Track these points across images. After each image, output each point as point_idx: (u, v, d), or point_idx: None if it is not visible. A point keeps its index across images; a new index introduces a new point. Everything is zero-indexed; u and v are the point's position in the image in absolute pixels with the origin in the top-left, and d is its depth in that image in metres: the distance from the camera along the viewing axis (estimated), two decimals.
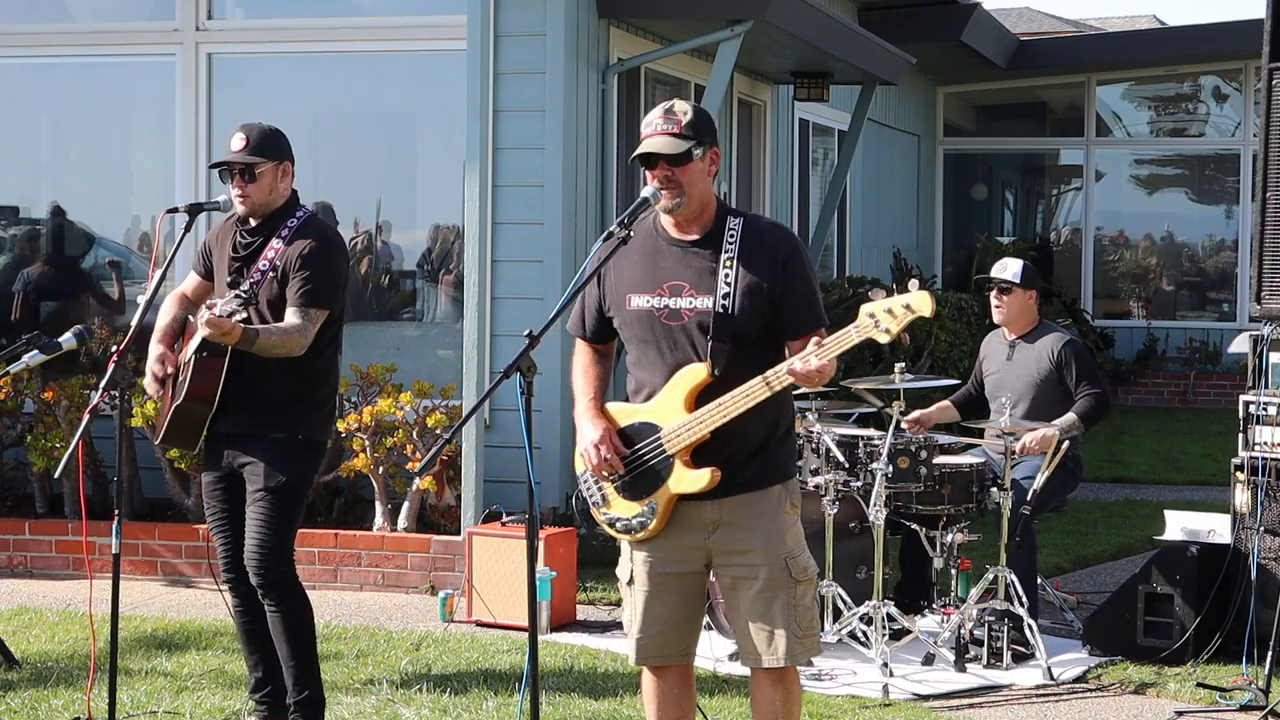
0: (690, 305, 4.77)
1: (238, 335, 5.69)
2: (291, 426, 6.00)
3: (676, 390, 4.77)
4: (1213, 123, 19.97)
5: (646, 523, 4.85)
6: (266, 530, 5.95)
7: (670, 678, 5.01)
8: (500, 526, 8.36)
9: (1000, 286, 8.12)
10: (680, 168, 4.75)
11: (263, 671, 6.19)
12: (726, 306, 4.72)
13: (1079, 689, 7.14)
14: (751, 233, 4.79)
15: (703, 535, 4.83)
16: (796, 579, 4.81)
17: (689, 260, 4.80)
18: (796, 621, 4.80)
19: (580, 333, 5.03)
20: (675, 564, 4.87)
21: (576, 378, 5.01)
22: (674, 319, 4.79)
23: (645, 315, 4.82)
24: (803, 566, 4.83)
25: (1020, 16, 29.65)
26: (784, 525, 4.83)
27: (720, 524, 4.81)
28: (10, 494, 9.90)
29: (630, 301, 4.85)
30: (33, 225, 11.01)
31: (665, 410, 4.79)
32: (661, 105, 4.89)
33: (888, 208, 17.84)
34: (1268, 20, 7.43)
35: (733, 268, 4.74)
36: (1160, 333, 18.96)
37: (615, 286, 4.89)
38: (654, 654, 4.96)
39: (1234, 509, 7.34)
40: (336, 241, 6.13)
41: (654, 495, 4.82)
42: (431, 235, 10.59)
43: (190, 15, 10.21)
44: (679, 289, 4.79)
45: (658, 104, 4.97)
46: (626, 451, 4.83)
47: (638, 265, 4.85)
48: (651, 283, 4.82)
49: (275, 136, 6.07)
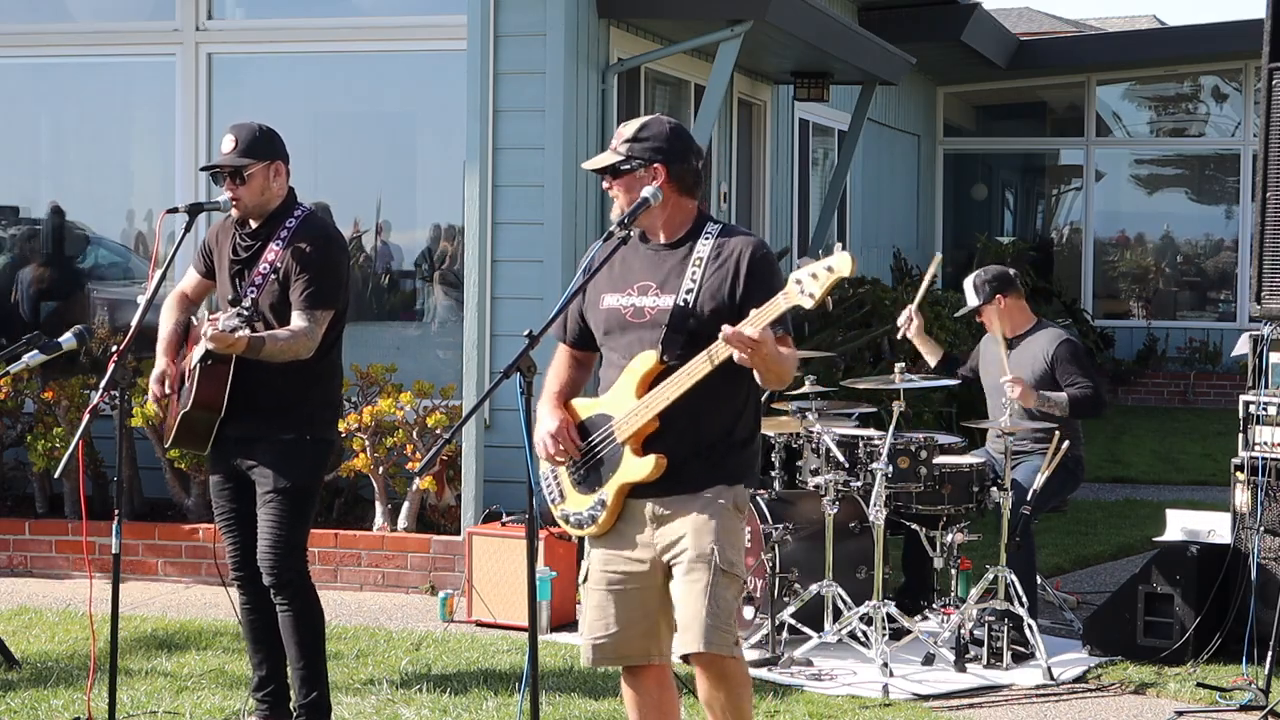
0: (654, 304, 4.87)
1: (243, 347, 5.69)
2: (299, 427, 6.00)
3: (628, 379, 4.85)
4: (1213, 123, 19.97)
5: (597, 515, 4.90)
6: (280, 530, 5.94)
7: (646, 680, 5.00)
8: (500, 526, 8.36)
9: (975, 311, 8.22)
10: (618, 178, 4.91)
11: (266, 670, 6.19)
12: (687, 301, 4.82)
13: (1079, 689, 7.14)
14: (724, 239, 4.89)
15: (646, 531, 4.87)
16: (721, 568, 4.77)
17: (660, 262, 4.92)
18: (715, 610, 4.75)
19: (561, 336, 5.12)
20: (624, 562, 4.91)
21: (548, 377, 5.08)
22: (638, 317, 4.88)
23: (614, 314, 4.93)
24: (729, 560, 4.81)
25: (1020, 16, 29.65)
26: (717, 519, 4.82)
27: (660, 519, 4.85)
28: (10, 494, 9.90)
29: (603, 301, 4.96)
30: (33, 225, 11.01)
31: (618, 400, 4.87)
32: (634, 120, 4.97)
33: (888, 208, 17.84)
34: (1268, 20, 7.43)
35: (700, 267, 4.85)
36: (1160, 333, 18.96)
37: (593, 289, 4.99)
38: (610, 655, 4.95)
39: (1234, 509, 7.34)
40: (336, 239, 6.13)
41: (604, 486, 4.88)
42: (432, 235, 10.59)
43: (190, 15, 10.21)
44: (646, 288, 4.89)
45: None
46: (582, 444, 4.91)
47: (614, 269, 4.96)
48: (624, 283, 4.93)
49: (265, 136, 6.04)
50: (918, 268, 17.78)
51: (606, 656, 4.97)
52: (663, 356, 4.79)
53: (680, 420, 4.78)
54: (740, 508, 4.91)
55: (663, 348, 4.80)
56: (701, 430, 4.82)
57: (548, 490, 5.03)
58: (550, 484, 5.02)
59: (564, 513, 5.00)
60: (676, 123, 5.00)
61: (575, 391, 5.06)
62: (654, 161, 4.90)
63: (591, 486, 4.92)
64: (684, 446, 4.81)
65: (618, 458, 4.85)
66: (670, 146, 4.92)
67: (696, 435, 4.82)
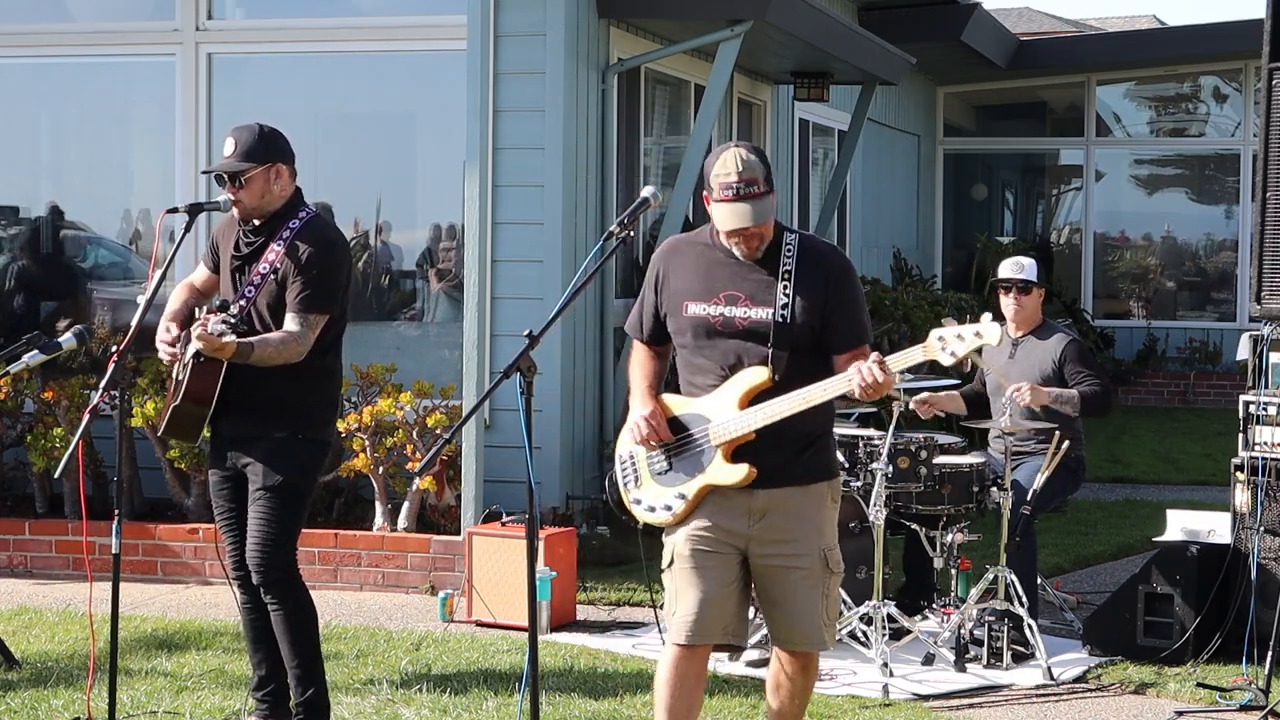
0: (746, 315, 5.01)
1: (231, 351, 5.69)
2: (293, 426, 5.99)
3: (734, 389, 5.00)
4: (1213, 123, 19.97)
5: (674, 508, 5.06)
6: (267, 528, 5.94)
7: (698, 660, 5.09)
8: (500, 526, 8.36)
9: (1019, 287, 8.13)
10: (766, 223, 4.99)
11: (265, 670, 6.18)
12: (785, 317, 4.98)
13: (1079, 689, 7.14)
14: (807, 251, 5.05)
15: (746, 522, 5.03)
16: (833, 570, 5.11)
17: (746, 273, 5.04)
18: (827, 611, 5.11)
19: (638, 335, 5.29)
20: (711, 544, 5.04)
21: (633, 370, 5.27)
22: (728, 327, 5.02)
23: (701, 322, 5.06)
24: (837, 559, 5.13)
25: (1020, 16, 29.65)
26: (825, 518, 5.11)
27: (767, 512, 5.02)
28: (10, 494, 9.90)
29: (687, 308, 5.09)
30: (32, 225, 11.01)
31: (719, 405, 5.02)
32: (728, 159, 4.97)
33: (888, 208, 17.84)
34: (1268, 20, 7.42)
35: (790, 282, 4.99)
36: (1160, 333, 18.96)
37: (673, 293, 5.13)
38: (696, 631, 5.04)
39: (1234, 509, 7.34)
40: (338, 243, 6.09)
41: (687, 484, 5.04)
42: (431, 235, 10.59)
43: (190, 15, 10.21)
44: (734, 299, 5.03)
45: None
46: (672, 437, 5.08)
47: (695, 275, 5.10)
48: (708, 292, 5.07)
49: (266, 139, 6.01)
50: (918, 268, 17.79)
51: (694, 632, 5.04)
52: (774, 375, 4.94)
53: (772, 427, 4.95)
54: (836, 499, 5.18)
55: (773, 366, 4.95)
56: (793, 434, 5.00)
57: (622, 474, 5.20)
58: (627, 469, 5.19)
59: (637, 498, 5.15)
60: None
61: (660, 381, 5.24)
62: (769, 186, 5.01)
63: (672, 480, 5.07)
64: (781, 447, 4.99)
65: (708, 459, 5.01)
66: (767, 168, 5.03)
67: (789, 437, 5.00)
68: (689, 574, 5.04)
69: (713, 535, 5.03)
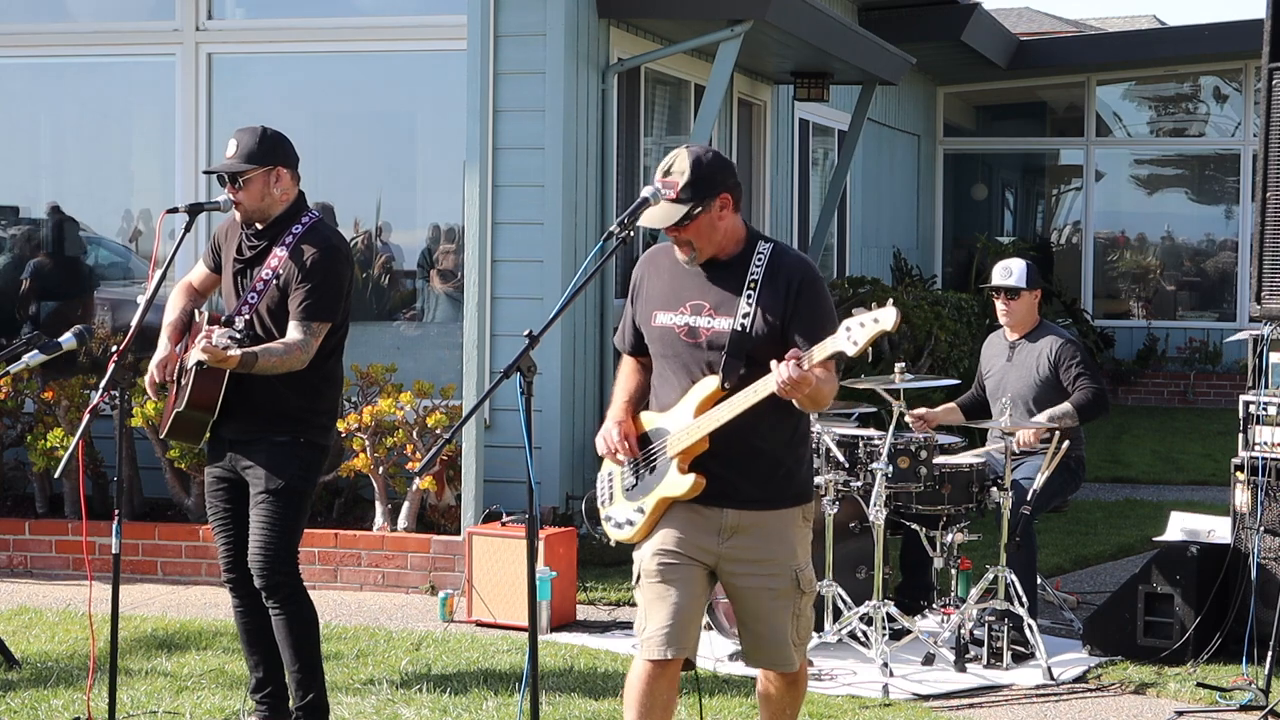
0: (709, 325, 4.93)
1: (234, 363, 5.71)
2: (294, 430, 5.99)
3: (691, 400, 4.93)
4: (1213, 123, 19.97)
5: (635, 522, 5.03)
6: (270, 532, 5.94)
7: (669, 675, 5.01)
8: (500, 526, 8.36)
9: (1007, 292, 8.14)
10: (684, 229, 4.89)
11: (263, 672, 6.18)
12: (745, 326, 4.89)
13: (1079, 689, 7.14)
14: (775, 262, 4.95)
15: (716, 540, 4.97)
16: (804, 590, 5.04)
17: (714, 283, 4.96)
18: (798, 631, 5.06)
19: (623, 347, 5.23)
20: (678, 558, 4.97)
21: (616, 385, 5.23)
22: (692, 337, 4.95)
23: (668, 332, 5.00)
24: (809, 579, 5.07)
25: (1020, 16, 29.65)
26: (797, 538, 5.04)
27: (737, 531, 4.96)
28: (10, 494, 9.90)
29: (655, 318, 5.03)
30: (32, 225, 11.01)
31: (678, 418, 4.96)
32: (662, 164, 4.96)
33: (888, 208, 17.84)
34: (1268, 20, 7.43)
35: (755, 292, 4.91)
36: (1160, 333, 18.96)
37: (645, 302, 5.08)
38: (670, 644, 4.96)
39: (1234, 509, 7.34)
40: (341, 249, 6.06)
41: (645, 498, 5.01)
42: (431, 235, 10.59)
43: (190, 15, 10.21)
44: (700, 308, 4.95)
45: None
46: (638, 453, 5.04)
47: (665, 283, 5.04)
48: (676, 301, 4.99)
49: (268, 142, 5.98)
50: (917, 268, 17.79)
51: (665, 645, 4.95)
52: (724, 383, 4.88)
53: (737, 438, 4.88)
54: (808, 517, 5.10)
55: (724, 374, 4.88)
56: (761, 451, 4.94)
57: (600, 491, 5.18)
58: (605, 486, 5.17)
59: (608, 515, 5.15)
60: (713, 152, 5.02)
61: (642, 395, 5.17)
62: (721, 192, 4.90)
63: (637, 495, 5.04)
64: (751, 473, 4.94)
65: (664, 472, 4.97)
66: (720, 179, 4.93)
67: (756, 455, 4.94)
68: (657, 588, 4.97)
69: (680, 550, 4.96)
